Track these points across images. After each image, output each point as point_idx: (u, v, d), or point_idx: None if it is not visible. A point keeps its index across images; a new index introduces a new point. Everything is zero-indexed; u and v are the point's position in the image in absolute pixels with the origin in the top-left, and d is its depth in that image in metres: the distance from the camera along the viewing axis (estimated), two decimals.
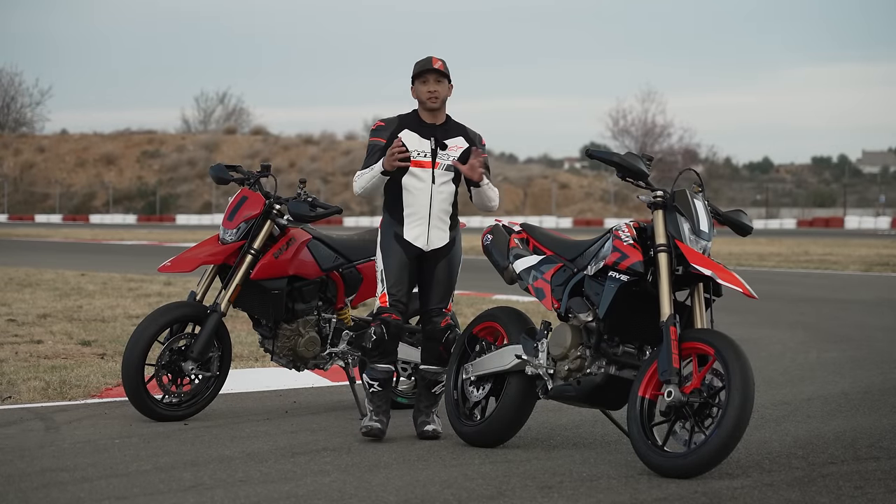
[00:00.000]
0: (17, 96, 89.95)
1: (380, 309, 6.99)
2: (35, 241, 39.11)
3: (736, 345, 6.02)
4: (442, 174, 7.03)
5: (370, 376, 7.03)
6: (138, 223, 68.30)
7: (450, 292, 7.13)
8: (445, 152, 7.04)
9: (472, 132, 7.16)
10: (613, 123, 78.60)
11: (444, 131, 7.07)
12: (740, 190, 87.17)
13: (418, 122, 7.07)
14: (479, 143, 7.12)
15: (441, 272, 7.08)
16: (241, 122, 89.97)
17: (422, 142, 7.02)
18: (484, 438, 6.82)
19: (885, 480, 6.02)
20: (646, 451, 6.11)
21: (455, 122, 7.15)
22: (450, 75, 7.05)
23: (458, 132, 7.11)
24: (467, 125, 7.18)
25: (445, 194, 7.06)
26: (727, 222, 6.70)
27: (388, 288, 6.98)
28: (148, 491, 5.70)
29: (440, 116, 7.09)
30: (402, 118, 7.10)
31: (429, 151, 7.02)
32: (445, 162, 7.03)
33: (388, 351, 6.98)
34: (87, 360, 9.90)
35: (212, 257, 7.65)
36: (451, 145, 7.05)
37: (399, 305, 6.98)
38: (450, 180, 7.06)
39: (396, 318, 6.94)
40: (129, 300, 15.25)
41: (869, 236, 47.45)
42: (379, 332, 6.93)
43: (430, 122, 7.07)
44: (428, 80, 7.01)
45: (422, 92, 7.01)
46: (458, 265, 7.15)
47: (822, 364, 10.42)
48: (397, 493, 5.70)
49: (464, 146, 7.08)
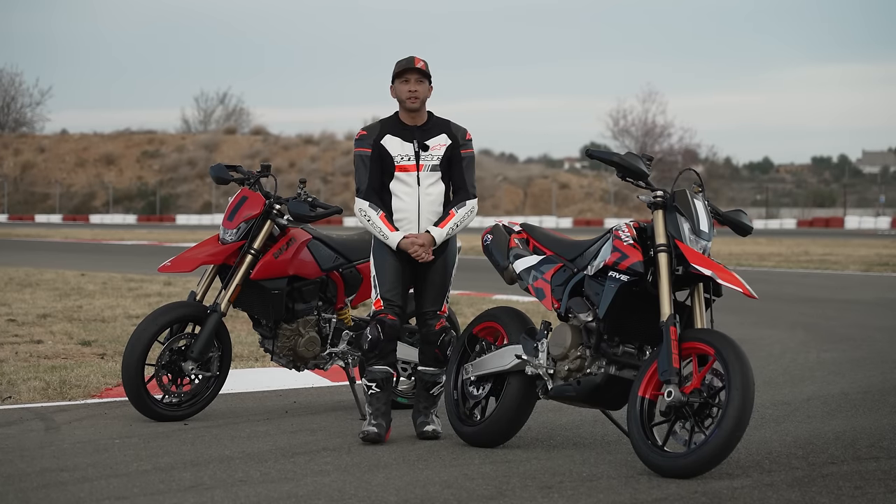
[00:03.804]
0: (17, 96, 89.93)
1: (375, 311, 6.97)
2: (35, 241, 39.09)
3: (736, 345, 6.02)
4: (427, 175, 7.00)
5: (368, 378, 7.01)
6: (138, 223, 68.28)
7: (444, 294, 7.09)
8: (428, 153, 7.01)
9: (457, 127, 7.10)
10: (613, 123, 78.58)
11: (425, 131, 7.03)
12: (740, 190, 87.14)
13: (400, 126, 7.02)
14: (462, 138, 7.07)
15: (435, 274, 7.05)
16: (241, 122, 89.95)
17: (404, 145, 6.99)
18: (484, 438, 6.82)
19: (885, 480, 6.02)
20: (646, 451, 6.11)
21: (438, 119, 7.10)
22: (430, 76, 7.02)
23: (441, 129, 7.06)
24: (452, 120, 7.12)
25: (434, 195, 7.03)
26: (727, 222, 6.70)
27: (382, 294, 6.94)
28: (148, 491, 5.70)
29: (421, 117, 7.05)
30: (384, 123, 7.05)
31: (412, 155, 6.99)
32: (430, 163, 7.00)
33: (385, 352, 6.96)
34: (87, 360, 9.90)
35: (212, 257, 7.65)
36: (432, 145, 7.01)
37: (394, 308, 6.95)
38: (437, 180, 7.02)
39: (392, 318, 6.92)
40: (129, 300, 15.25)
41: (869, 236, 47.44)
42: (375, 334, 6.91)
43: (411, 123, 7.03)
44: (409, 79, 6.96)
45: (402, 91, 6.97)
46: (452, 266, 7.12)
47: (822, 364, 10.42)
48: (397, 493, 5.70)
49: (446, 143, 7.02)
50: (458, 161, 7.06)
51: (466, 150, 7.09)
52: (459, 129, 7.10)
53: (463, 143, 7.08)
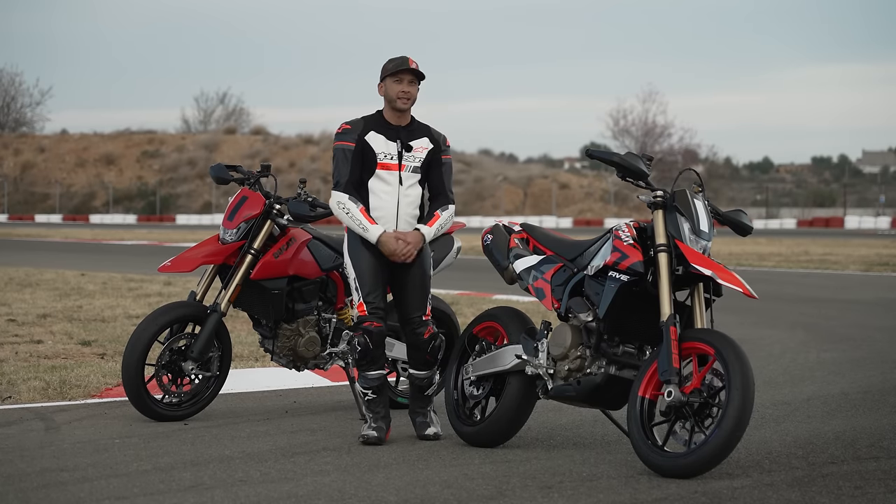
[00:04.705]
0: (18, 96, 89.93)
1: (360, 318, 6.89)
2: (35, 241, 39.10)
3: (736, 345, 6.02)
4: (409, 176, 6.97)
5: (363, 385, 6.99)
6: (138, 223, 68.28)
7: (426, 297, 7.03)
8: (411, 154, 6.98)
9: (437, 133, 7.08)
10: (614, 123, 78.56)
11: (409, 132, 7.01)
12: (740, 190, 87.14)
13: (384, 124, 6.99)
14: (443, 143, 7.06)
15: (414, 276, 6.99)
16: (241, 122, 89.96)
17: (388, 144, 6.96)
18: (484, 438, 6.82)
19: (885, 480, 6.02)
20: (646, 451, 6.11)
21: (420, 123, 7.09)
22: (423, 78, 6.96)
23: (423, 133, 7.04)
24: (431, 125, 7.11)
25: (412, 197, 6.99)
26: (727, 222, 6.70)
27: (364, 296, 6.90)
28: (148, 491, 5.69)
29: (406, 118, 7.02)
30: (368, 119, 7.02)
31: (395, 154, 6.96)
32: (412, 164, 6.98)
33: (375, 358, 6.92)
34: (87, 360, 9.90)
35: (212, 257, 7.65)
36: (416, 146, 6.99)
37: (378, 312, 6.90)
38: (416, 183, 7.00)
39: (378, 325, 6.88)
40: (129, 300, 15.25)
41: (869, 236, 47.44)
42: (363, 343, 6.87)
43: (396, 123, 7.00)
44: (402, 79, 6.92)
45: (394, 90, 6.92)
46: (429, 267, 7.08)
47: (822, 364, 10.42)
48: (397, 493, 5.70)
49: (429, 147, 7.00)
50: (437, 166, 7.04)
51: (446, 155, 7.09)
52: (440, 134, 7.09)
53: (444, 149, 7.07)
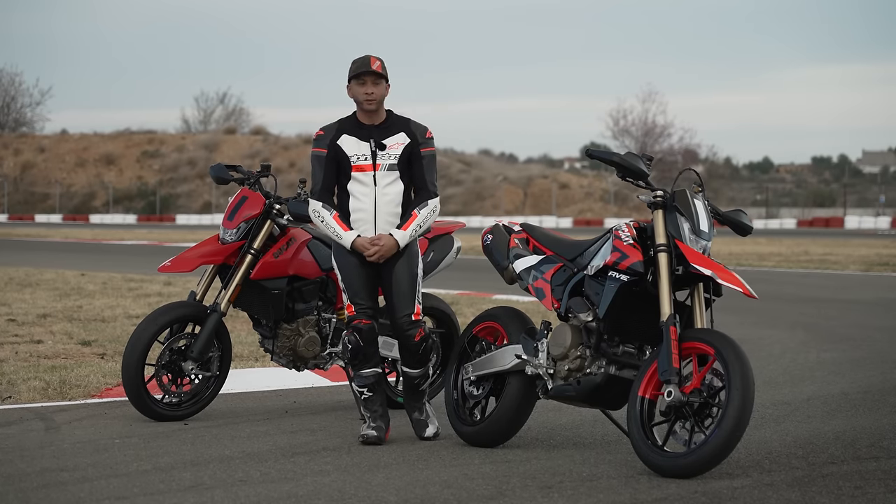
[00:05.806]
0: (18, 96, 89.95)
1: (349, 317, 6.92)
2: (35, 241, 39.10)
3: (736, 345, 6.02)
4: (385, 175, 6.93)
5: (358, 384, 6.98)
6: (138, 223, 68.28)
7: (414, 296, 6.97)
8: (385, 152, 6.94)
9: (416, 125, 7.01)
10: (614, 123, 78.58)
11: (382, 131, 6.96)
12: (740, 190, 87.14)
13: (356, 126, 6.97)
14: (422, 136, 6.98)
15: (400, 275, 6.94)
16: (241, 122, 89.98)
17: (360, 145, 6.93)
18: (484, 438, 6.82)
19: (885, 480, 6.02)
20: (646, 451, 6.11)
21: (398, 118, 7.02)
22: (387, 76, 6.93)
23: (400, 128, 6.98)
24: (412, 118, 7.04)
25: (391, 195, 6.95)
26: (727, 222, 6.69)
27: (351, 298, 6.91)
28: (148, 491, 5.69)
29: (379, 116, 6.98)
30: (342, 122, 7.00)
31: (369, 154, 6.92)
32: (387, 162, 6.93)
33: (368, 356, 6.92)
34: (87, 360, 9.90)
35: (212, 257, 7.65)
36: (390, 144, 6.94)
37: (367, 311, 6.90)
38: (395, 180, 6.95)
39: (367, 322, 6.88)
40: (129, 300, 15.26)
41: (869, 236, 47.44)
42: (353, 341, 6.86)
43: (369, 123, 6.97)
44: (365, 81, 6.88)
45: (358, 93, 6.89)
46: (416, 265, 7.01)
47: (822, 364, 10.42)
48: (397, 493, 5.70)
49: (405, 142, 6.94)
50: (417, 160, 6.98)
51: (426, 148, 6.99)
52: (419, 127, 7.02)
53: (423, 142, 6.99)
